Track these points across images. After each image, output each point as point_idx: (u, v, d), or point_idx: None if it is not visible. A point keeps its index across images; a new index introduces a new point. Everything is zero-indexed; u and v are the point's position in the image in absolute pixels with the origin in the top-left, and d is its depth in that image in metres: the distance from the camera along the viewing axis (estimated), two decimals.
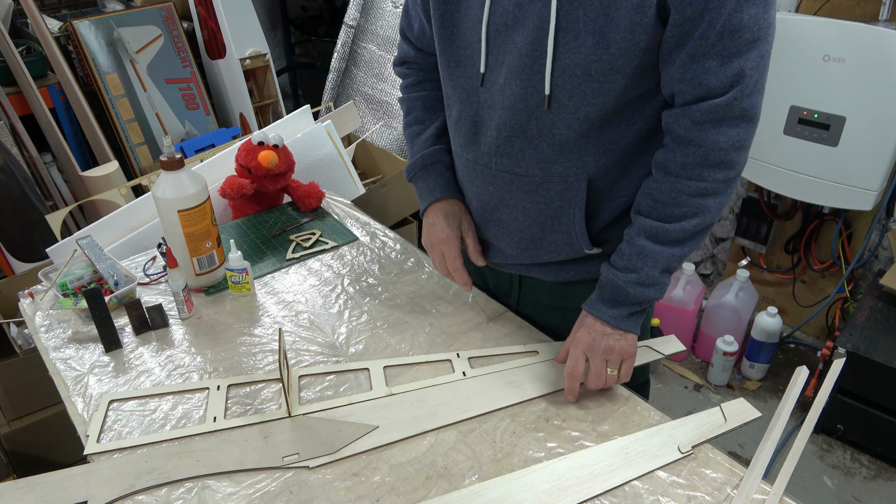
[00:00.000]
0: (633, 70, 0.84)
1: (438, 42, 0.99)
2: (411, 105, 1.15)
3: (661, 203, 0.90)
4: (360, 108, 2.69)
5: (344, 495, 0.85)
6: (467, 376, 1.03)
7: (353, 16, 2.67)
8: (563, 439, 0.92)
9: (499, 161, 0.97)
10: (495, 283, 1.21)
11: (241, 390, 1.02)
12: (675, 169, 0.89)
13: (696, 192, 0.88)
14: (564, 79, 0.86)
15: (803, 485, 1.97)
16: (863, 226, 2.18)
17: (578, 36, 0.83)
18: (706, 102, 0.84)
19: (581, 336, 0.95)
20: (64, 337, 1.15)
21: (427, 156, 1.10)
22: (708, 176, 0.87)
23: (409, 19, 1.11)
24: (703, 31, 0.79)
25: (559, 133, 0.91)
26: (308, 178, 1.59)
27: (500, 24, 0.89)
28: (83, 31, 2.30)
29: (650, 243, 0.91)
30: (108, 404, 1.00)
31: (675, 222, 0.90)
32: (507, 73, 0.90)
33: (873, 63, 1.78)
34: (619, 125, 0.91)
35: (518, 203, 1.00)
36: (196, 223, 1.18)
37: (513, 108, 0.91)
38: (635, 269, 0.92)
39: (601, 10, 0.81)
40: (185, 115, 2.52)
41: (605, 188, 0.96)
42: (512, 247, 1.06)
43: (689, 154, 0.87)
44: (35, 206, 2.12)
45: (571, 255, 1.03)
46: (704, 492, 0.84)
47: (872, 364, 1.87)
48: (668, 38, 0.82)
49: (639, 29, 0.80)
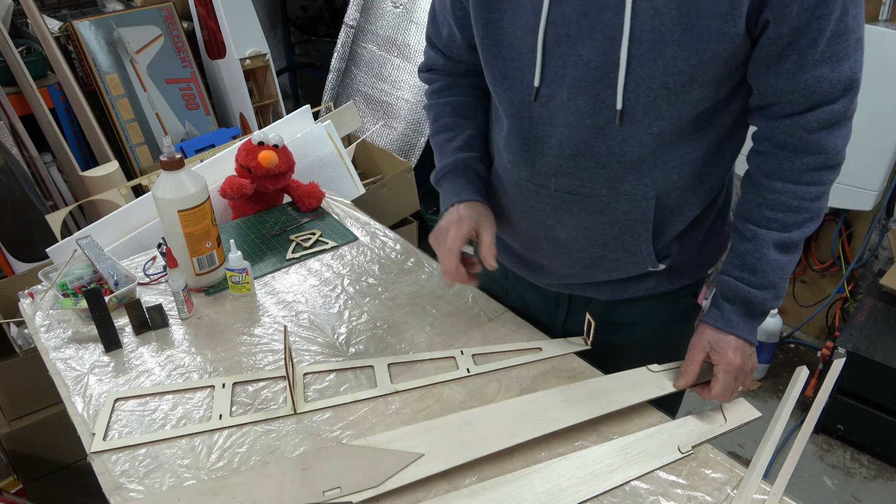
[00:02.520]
0: (710, 80, 0.80)
1: (482, 53, 0.92)
2: (440, 111, 1.07)
3: (783, 212, 0.87)
4: (360, 108, 2.69)
5: None
6: (471, 373, 1.03)
7: (353, 16, 2.67)
8: (564, 439, 0.92)
9: (559, 181, 0.91)
10: (537, 303, 1.15)
11: (246, 388, 1.02)
12: (793, 177, 0.85)
13: (815, 196, 0.86)
14: (638, 93, 0.81)
15: (803, 485, 1.97)
16: (863, 226, 2.18)
17: (655, 47, 0.77)
18: (820, 110, 0.80)
19: (733, 359, 0.91)
20: (64, 337, 1.15)
21: (459, 160, 1.03)
22: (826, 179, 0.86)
23: (436, 26, 1.05)
24: (812, 40, 0.76)
25: (630, 150, 0.86)
26: (308, 178, 1.59)
27: (560, 35, 0.82)
28: (83, 31, 2.30)
29: (781, 255, 0.88)
30: (113, 402, 1.00)
31: (797, 229, 0.88)
32: (571, 87, 0.84)
33: (873, 63, 1.76)
34: (690, 138, 0.87)
35: (579, 224, 0.94)
36: (196, 223, 1.18)
37: (578, 125, 0.86)
38: (773, 286, 0.89)
39: (680, 20, 0.76)
40: (185, 115, 2.52)
41: (672, 203, 0.92)
42: (568, 266, 1.01)
43: (809, 162, 0.84)
44: (35, 206, 2.11)
45: (633, 273, 0.99)
46: (704, 492, 0.84)
47: (872, 364, 1.87)
48: (767, 50, 0.78)
49: (725, 38, 0.76)
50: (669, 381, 0.97)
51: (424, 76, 1.12)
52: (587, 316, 1.06)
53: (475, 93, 1.06)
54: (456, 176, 1.03)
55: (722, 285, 0.93)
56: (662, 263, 0.98)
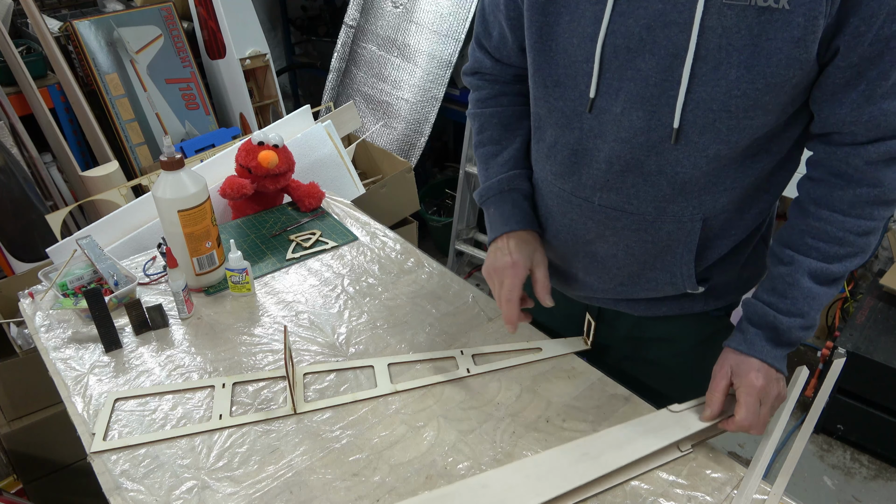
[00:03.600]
0: (775, 107, 0.77)
1: (533, 58, 0.88)
2: (485, 122, 1.04)
3: (825, 241, 0.84)
4: (360, 108, 2.69)
5: (344, 495, 0.85)
6: (471, 373, 1.03)
7: (353, 16, 2.67)
8: (563, 439, 0.92)
9: (604, 196, 0.89)
10: (565, 314, 1.11)
11: (246, 388, 1.03)
12: (842, 207, 0.82)
13: (863, 230, 0.83)
14: (697, 113, 0.78)
15: (803, 485, 1.97)
16: None
17: (720, 67, 0.74)
18: (882, 143, 0.77)
19: (755, 382, 0.86)
20: (64, 337, 1.15)
21: (505, 180, 1.00)
22: (878, 215, 0.82)
23: (486, 26, 1.00)
24: (883, 72, 0.73)
25: (682, 171, 0.83)
26: (308, 178, 1.59)
27: (619, 46, 0.79)
28: (83, 31, 2.30)
29: (816, 285, 0.85)
30: (113, 402, 1.00)
31: (838, 262, 0.84)
32: (626, 101, 0.81)
33: None
34: (744, 163, 0.84)
35: (620, 240, 0.92)
36: (196, 223, 1.18)
37: (631, 140, 0.83)
38: (802, 314, 0.85)
39: (750, 41, 0.72)
40: (185, 115, 2.52)
41: (717, 227, 0.90)
42: (604, 282, 0.99)
43: (862, 194, 0.81)
44: (35, 206, 2.11)
45: (669, 293, 0.97)
46: (704, 492, 0.84)
47: (872, 364, 1.87)
48: (834, 78, 0.75)
49: (795, 64, 0.73)
50: (693, 419, 0.91)
51: (470, 80, 1.08)
52: (587, 316, 1.06)
53: (523, 101, 1.03)
54: (503, 201, 1.00)
55: (748, 308, 0.90)
56: (702, 286, 0.95)
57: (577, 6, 0.81)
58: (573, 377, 1.03)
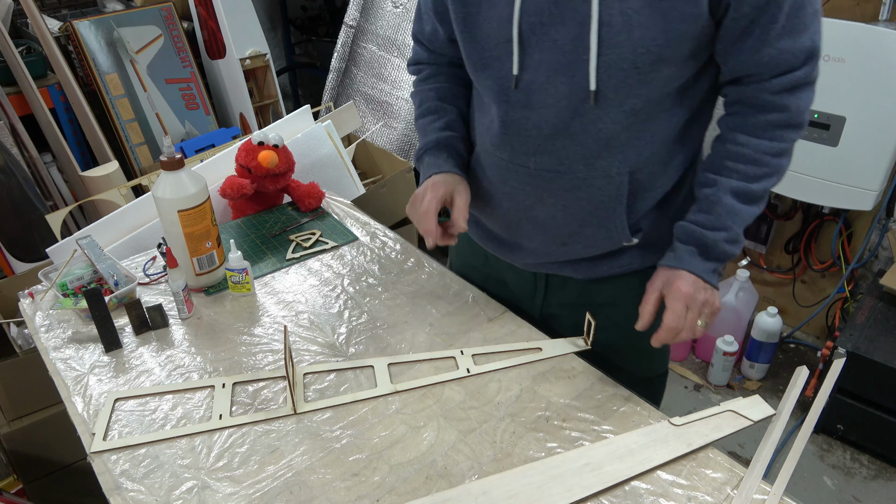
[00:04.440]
0: (677, 59, 0.85)
1: (463, 46, 0.98)
2: (424, 97, 1.14)
3: (744, 163, 0.93)
4: (360, 108, 2.69)
5: (344, 495, 0.85)
6: (471, 373, 1.03)
7: (353, 16, 2.67)
8: (563, 439, 0.92)
9: (538, 160, 0.96)
10: (518, 284, 1.19)
11: (246, 388, 1.03)
12: (756, 132, 0.91)
13: (776, 151, 0.92)
14: (610, 73, 0.86)
15: (803, 485, 1.97)
16: (863, 226, 2.18)
17: (623, 29, 0.82)
18: (785, 76, 0.87)
19: (681, 287, 0.93)
20: (64, 337, 1.15)
21: (442, 139, 1.09)
22: (787, 137, 0.91)
23: (421, 23, 1.11)
24: (772, 16, 0.82)
25: (605, 127, 0.91)
26: (308, 178, 1.59)
27: (534, 23, 0.88)
28: (83, 31, 2.30)
29: (737, 202, 0.93)
30: (113, 402, 1.00)
31: (757, 182, 0.93)
32: (549, 70, 0.89)
33: (873, 63, 1.78)
34: (660, 117, 0.92)
35: (557, 201, 0.99)
36: (196, 223, 1.18)
37: (555, 105, 0.91)
38: (725, 228, 0.93)
39: (646, 3, 0.81)
40: (185, 115, 2.52)
41: (645, 180, 0.97)
42: (546, 244, 1.06)
43: (772, 119, 0.90)
44: (35, 206, 2.12)
45: (608, 249, 1.03)
46: (704, 492, 0.84)
47: (872, 364, 1.87)
48: (731, 29, 0.84)
49: (689, 19, 0.82)
50: (695, 434, 0.91)
51: (412, 69, 1.18)
52: (587, 316, 1.07)
53: (458, 81, 1.12)
54: (438, 152, 1.08)
55: (678, 230, 0.97)
56: (636, 237, 1.02)
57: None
58: (573, 377, 1.03)
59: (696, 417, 0.93)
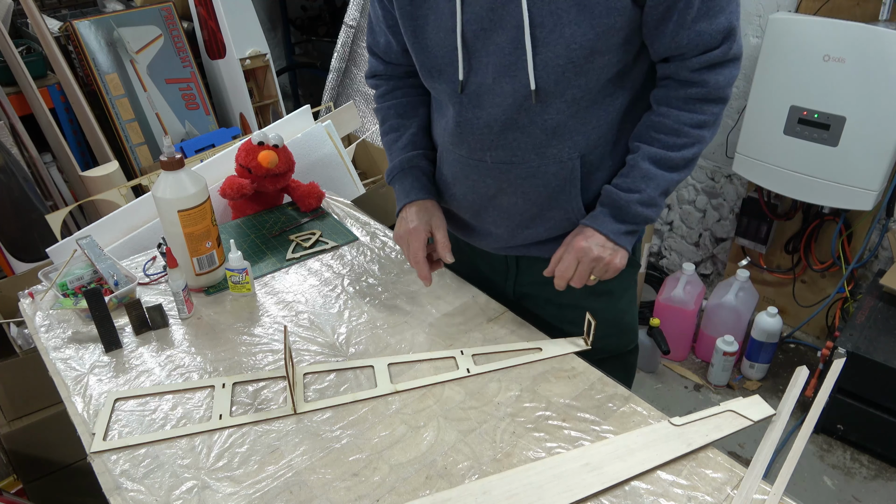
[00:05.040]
0: (609, 49, 0.90)
1: (415, 56, 1.03)
2: (385, 114, 1.19)
3: (665, 133, 0.98)
4: (360, 108, 2.69)
5: (344, 495, 0.85)
6: (471, 373, 1.03)
7: (353, 16, 2.67)
8: (563, 439, 0.92)
9: (494, 154, 1.02)
10: (489, 268, 1.25)
11: (246, 388, 1.02)
12: (678, 104, 0.97)
13: (697, 123, 0.97)
14: (548, 70, 0.91)
15: (803, 485, 1.97)
16: (863, 226, 2.18)
17: (555, 29, 0.88)
18: (704, 55, 0.92)
19: (577, 242, 1.02)
20: (64, 337, 1.15)
21: (405, 160, 1.14)
22: (707, 110, 0.97)
23: (374, 36, 1.15)
24: (687, 1, 0.87)
25: (550, 118, 0.97)
26: (308, 178, 1.59)
27: (476, 30, 0.93)
28: (83, 31, 2.30)
29: (654, 168, 0.98)
30: (113, 402, 1.00)
31: (677, 150, 0.98)
32: (494, 73, 0.95)
33: (873, 63, 1.77)
34: (604, 102, 0.97)
35: (517, 189, 1.05)
36: (196, 223, 1.18)
37: (502, 104, 0.96)
38: (639, 190, 0.99)
39: (574, 1, 0.86)
40: (185, 115, 2.52)
41: (595, 161, 1.02)
42: (511, 230, 1.11)
43: (692, 93, 0.96)
44: (35, 206, 2.12)
45: (568, 229, 1.08)
46: (704, 492, 0.84)
47: (872, 364, 1.87)
48: (652, 16, 0.89)
49: (614, 12, 0.86)
50: (695, 434, 0.91)
51: (370, 82, 1.22)
52: (587, 316, 1.07)
53: (415, 92, 1.17)
54: (404, 177, 1.15)
55: (601, 193, 1.03)
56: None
57: (436, 5, 0.96)
58: (573, 377, 1.03)
59: (696, 417, 0.93)
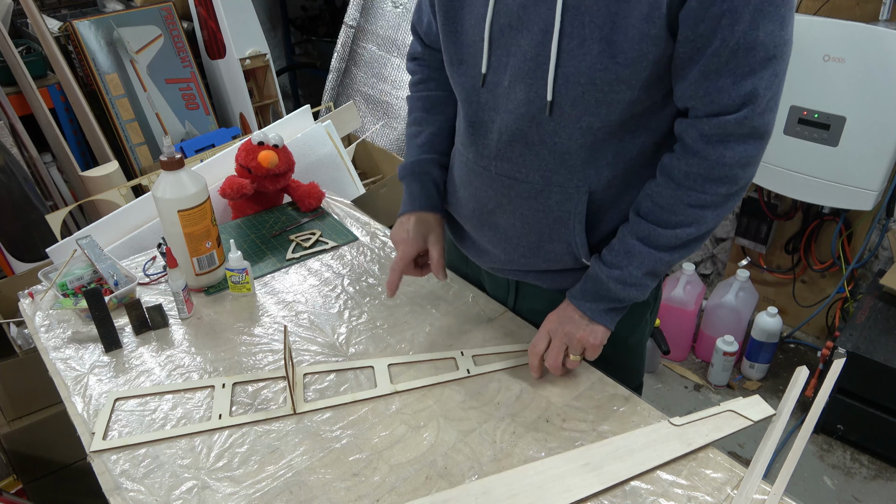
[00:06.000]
0: (640, 83, 0.82)
1: (442, 39, 0.97)
2: (413, 105, 1.15)
3: (660, 207, 0.90)
4: (360, 108, 2.69)
5: (344, 495, 0.85)
6: (471, 374, 1.03)
7: (353, 16, 2.67)
8: (563, 439, 0.92)
9: (499, 165, 0.96)
10: (492, 288, 1.21)
11: (246, 388, 1.02)
12: (677, 177, 0.88)
13: (696, 203, 0.88)
14: (567, 86, 0.84)
15: (803, 485, 1.97)
16: (863, 226, 2.18)
17: (584, 43, 0.80)
18: (717, 118, 0.82)
19: (550, 317, 0.98)
20: (64, 337, 1.15)
21: (418, 164, 1.11)
22: (709, 189, 0.87)
23: (419, 14, 1.10)
24: (716, 49, 0.77)
25: (560, 142, 0.89)
26: (308, 178, 1.59)
27: (503, 25, 0.87)
28: (83, 31, 2.30)
29: (639, 244, 0.91)
30: (113, 402, 1.00)
31: (669, 228, 0.89)
32: (511, 75, 0.88)
33: (873, 63, 1.78)
34: (623, 139, 0.89)
35: (516, 209, 0.98)
36: (196, 223, 1.18)
37: (515, 111, 0.90)
38: (619, 267, 0.92)
39: (608, 18, 0.78)
40: (185, 115, 2.52)
41: (606, 200, 0.95)
42: (508, 253, 1.04)
43: (693, 165, 0.86)
44: (35, 206, 2.12)
45: (570, 265, 1.01)
46: (704, 492, 0.84)
47: (872, 364, 1.87)
48: (679, 54, 0.80)
49: (647, 40, 0.78)
50: (695, 434, 0.91)
51: (409, 65, 1.18)
52: None
53: (446, 86, 1.10)
54: (413, 181, 1.11)
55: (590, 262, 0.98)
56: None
57: None
58: (573, 377, 1.03)
59: (696, 417, 0.93)
